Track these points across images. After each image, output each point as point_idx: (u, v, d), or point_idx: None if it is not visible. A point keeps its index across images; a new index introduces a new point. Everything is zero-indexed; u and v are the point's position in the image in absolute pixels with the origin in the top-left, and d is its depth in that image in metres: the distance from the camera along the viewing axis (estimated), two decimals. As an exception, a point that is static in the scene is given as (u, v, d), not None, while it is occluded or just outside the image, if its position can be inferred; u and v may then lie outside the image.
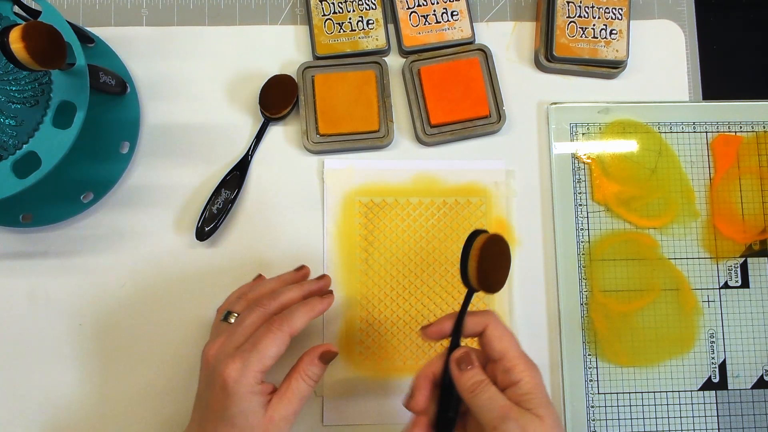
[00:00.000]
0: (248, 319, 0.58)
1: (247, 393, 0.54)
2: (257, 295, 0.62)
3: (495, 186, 0.72)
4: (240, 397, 0.54)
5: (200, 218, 0.69)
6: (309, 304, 0.59)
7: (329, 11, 0.73)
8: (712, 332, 0.70)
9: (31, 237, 0.70)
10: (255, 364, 0.54)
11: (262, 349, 0.55)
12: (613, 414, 0.68)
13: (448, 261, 0.70)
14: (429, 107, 0.71)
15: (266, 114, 0.71)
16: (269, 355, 0.55)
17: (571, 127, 0.72)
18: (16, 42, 0.49)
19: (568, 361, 0.69)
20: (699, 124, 0.73)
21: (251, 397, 0.54)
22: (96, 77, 0.62)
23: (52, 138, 0.57)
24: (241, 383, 0.54)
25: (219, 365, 0.55)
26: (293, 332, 0.57)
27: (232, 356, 0.55)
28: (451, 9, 0.73)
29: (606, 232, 0.71)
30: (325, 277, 0.64)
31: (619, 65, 0.73)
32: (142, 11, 0.75)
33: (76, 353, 0.68)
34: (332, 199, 0.71)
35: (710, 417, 0.68)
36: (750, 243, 0.71)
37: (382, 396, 0.68)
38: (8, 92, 0.59)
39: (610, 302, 0.70)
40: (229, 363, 0.54)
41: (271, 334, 0.56)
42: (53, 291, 0.69)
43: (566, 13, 0.72)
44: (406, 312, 0.69)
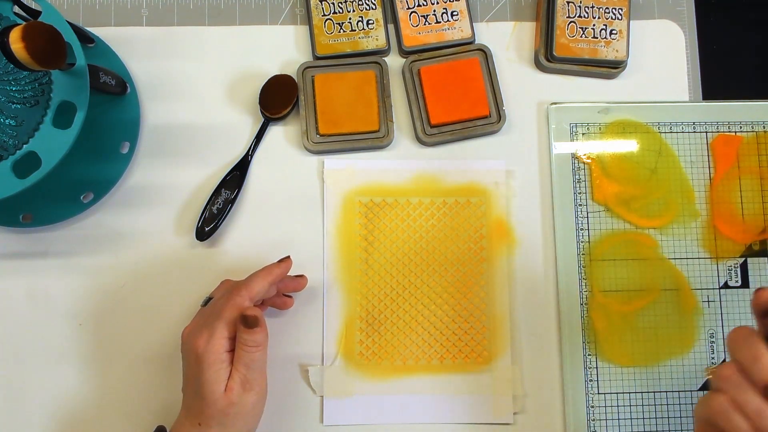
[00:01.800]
0: (218, 299, 0.62)
1: (214, 361, 0.58)
2: (232, 281, 0.65)
3: (495, 186, 0.72)
4: (208, 365, 0.58)
5: (200, 218, 0.69)
6: (266, 269, 0.63)
7: (329, 11, 0.73)
8: (712, 332, 0.70)
9: (31, 237, 0.70)
10: (218, 333, 0.58)
11: (225, 316, 0.59)
12: (613, 414, 0.68)
13: (448, 261, 0.70)
14: (429, 107, 0.71)
15: (266, 114, 0.71)
16: (229, 320, 0.59)
17: (571, 127, 0.72)
18: (16, 42, 0.49)
19: (568, 361, 0.69)
20: (699, 124, 0.73)
21: (217, 366, 0.58)
22: (96, 77, 0.62)
23: (52, 138, 0.57)
24: (208, 350, 0.58)
25: (191, 338, 0.59)
26: (252, 296, 0.60)
27: (201, 329, 0.59)
28: (451, 9, 0.73)
29: (606, 232, 0.71)
30: (287, 260, 0.65)
31: (619, 65, 0.73)
32: (142, 11, 0.75)
33: (76, 353, 0.68)
34: (332, 199, 0.71)
35: (710, 417, 0.68)
36: (750, 243, 0.71)
37: (382, 396, 0.68)
38: (8, 92, 0.59)
39: (610, 302, 0.70)
40: (198, 335, 0.59)
41: (229, 302, 0.59)
42: (53, 291, 0.69)
43: (566, 13, 0.72)
44: (406, 312, 0.69)
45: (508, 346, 0.69)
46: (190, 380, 0.60)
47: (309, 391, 0.68)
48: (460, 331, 0.69)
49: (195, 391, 0.59)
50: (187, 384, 0.60)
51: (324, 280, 0.70)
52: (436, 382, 0.68)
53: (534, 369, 0.69)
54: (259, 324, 0.58)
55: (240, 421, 0.59)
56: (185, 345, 0.61)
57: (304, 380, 0.68)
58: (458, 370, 0.69)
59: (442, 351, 0.69)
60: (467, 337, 0.69)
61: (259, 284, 0.61)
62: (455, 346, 0.69)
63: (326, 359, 0.68)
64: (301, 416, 0.68)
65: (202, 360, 0.58)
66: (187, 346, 0.60)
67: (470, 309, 0.69)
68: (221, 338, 0.58)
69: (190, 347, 0.59)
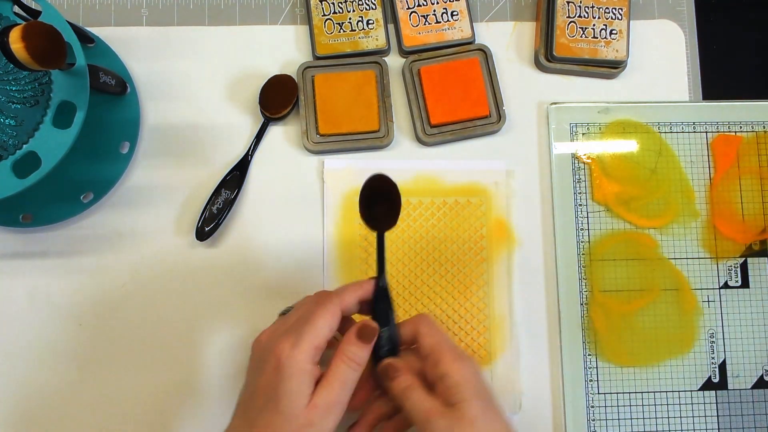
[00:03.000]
0: (301, 305, 0.58)
1: (298, 371, 0.52)
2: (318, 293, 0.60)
3: (495, 186, 0.72)
4: (290, 375, 0.51)
5: (200, 218, 0.69)
6: (356, 283, 0.58)
7: (329, 11, 0.73)
8: (712, 332, 0.70)
9: (31, 237, 0.70)
10: (307, 339, 0.52)
11: (314, 322, 0.53)
12: (613, 414, 0.68)
13: (449, 261, 0.70)
14: (429, 107, 0.71)
15: (266, 114, 0.71)
16: (320, 327, 0.53)
17: (571, 127, 0.73)
18: (16, 42, 0.49)
19: (568, 361, 0.69)
20: (699, 124, 0.73)
21: (301, 377, 0.52)
22: (96, 77, 0.62)
23: (52, 138, 0.57)
24: (293, 358, 0.52)
25: (271, 344, 0.54)
26: (344, 306, 0.56)
27: (285, 334, 0.54)
28: (451, 9, 0.73)
29: (606, 232, 0.71)
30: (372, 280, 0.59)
31: (619, 65, 0.73)
32: (142, 11, 0.75)
33: (76, 353, 0.68)
34: (332, 199, 0.71)
35: (710, 417, 0.68)
36: (750, 243, 0.71)
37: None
38: (8, 92, 0.59)
39: (610, 302, 0.70)
40: (281, 340, 0.53)
41: (321, 307, 0.54)
42: (53, 291, 0.69)
43: (566, 13, 0.72)
44: (407, 312, 0.69)
45: (508, 346, 0.69)
46: (260, 391, 0.53)
47: (309, 391, 0.68)
48: (460, 330, 0.69)
49: (266, 404, 0.52)
50: (255, 396, 0.54)
51: (324, 280, 0.70)
52: (436, 382, 0.68)
53: (534, 369, 0.69)
54: (374, 339, 0.55)
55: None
56: (261, 351, 0.55)
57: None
58: (458, 370, 0.69)
59: (442, 351, 0.69)
60: (467, 337, 0.69)
61: (351, 296, 0.57)
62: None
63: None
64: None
65: (284, 368, 0.52)
66: (264, 352, 0.54)
67: (470, 309, 0.69)
68: (309, 348, 0.52)
69: (270, 353, 0.53)
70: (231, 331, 0.69)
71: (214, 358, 0.68)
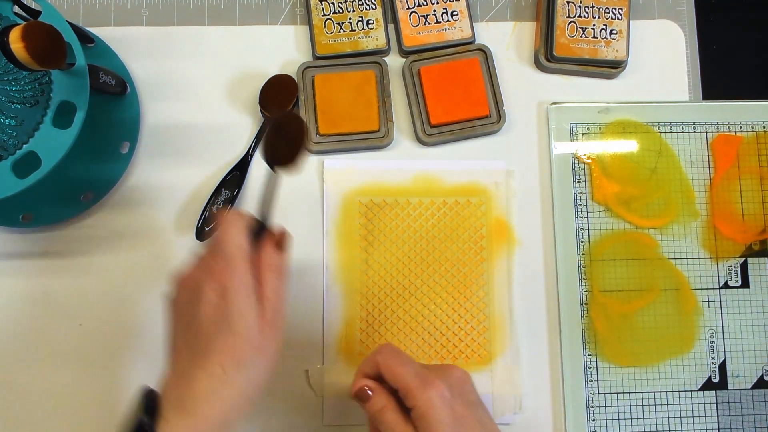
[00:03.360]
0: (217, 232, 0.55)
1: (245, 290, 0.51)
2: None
3: (495, 186, 0.72)
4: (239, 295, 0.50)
5: (200, 218, 0.69)
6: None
7: (329, 11, 0.73)
8: (712, 332, 0.70)
9: (31, 237, 0.70)
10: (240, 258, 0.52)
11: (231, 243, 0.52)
12: (613, 414, 0.68)
13: (448, 261, 0.70)
14: (429, 107, 0.71)
15: (266, 114, 0.71)
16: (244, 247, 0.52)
17: (571, 127, 0.73)
18: (16, 42, 0.49)
19: (568, 361, 0.69)
20: (699, 124, 0.73)
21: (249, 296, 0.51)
22: (96, 77, 0.62)
23: (52, 138, 0.57)
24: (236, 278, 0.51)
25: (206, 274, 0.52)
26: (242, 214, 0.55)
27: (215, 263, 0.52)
28: (451, 9, 0.73)
29: (606, 232, 0.71)
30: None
31: (619, 65, 0.73)
32: (142, 11, 0.75)
33: (76, 353, 0.68)
34: (332, 199, 0.71)
35: (710, 417, 0.68)
36: (750, 243, 0.71)
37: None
38: (8, 92, 0.59)
39: (610, 302, 0.70)
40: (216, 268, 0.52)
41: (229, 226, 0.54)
42: (53, 291, 0.69)
43: (566, 13, 0.72)
44: (406, 312, 0.69)
45: (508, 346, 0.69)
46: (206, 321, 0.51)
47: (309, 391, 0.68)
48: (460, 331, 0.69)
49: (218, 329, 0.50)
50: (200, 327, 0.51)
51: (324, 280, 0.70)
52: (436, 382, 0.68)
53: (534, 369, 0.69)
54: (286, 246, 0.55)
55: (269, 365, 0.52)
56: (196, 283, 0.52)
57: (304, 380, 0.68)
58: (458, 370, 0.69)
59: (442, 351, 0.69)
60: (467, 337, 0.69)
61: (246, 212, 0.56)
62: (455, 346, 0.69)
63: (326, 359, 0.68)
64: (302, 416, 0.68)
65: (230, 290, 0.50)
66: (200, 283, 0.52)
67: (470, 309, 0.69)
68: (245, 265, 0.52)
69: (206, 282, 0.51)
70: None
71: (214, 358, 0.68)
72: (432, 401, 0.52)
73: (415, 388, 0.53)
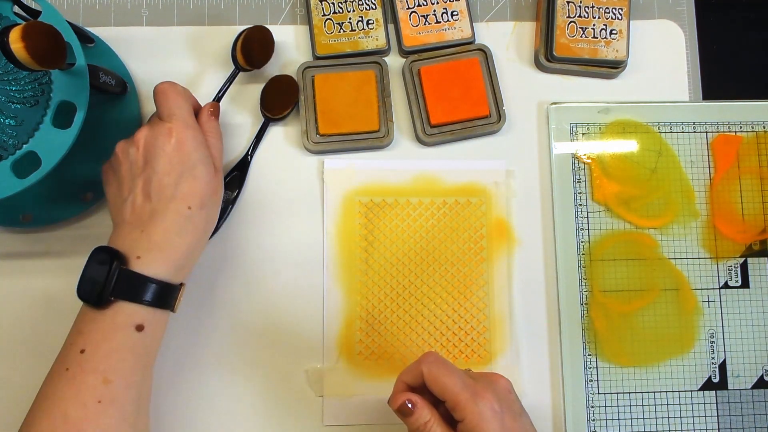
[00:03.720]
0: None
1: (201, 140, 0.61)
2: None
3: (495, 186, 0.72)
4: (196, 144, 0.60)
5: (200, 218, 0.69)
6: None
7: (329, 11, 0.73)
8: (712, 332, 0.70)
9: (31, 237, 0.70)
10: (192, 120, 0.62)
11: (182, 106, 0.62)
12: (613, 414, 0.68)
13: (448, 261, 0.70)
14: (429, 107, 0.71)
15: (266, 114, 0.71)
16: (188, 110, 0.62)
17: (571, 127, 0.73)
18: (16, 42, 0.49)
19: (568, 361, 0.69)
20: (699, 124, 0.73)
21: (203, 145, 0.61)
22: (96, 77, 0.62)
23: (52, 138, 0.57)
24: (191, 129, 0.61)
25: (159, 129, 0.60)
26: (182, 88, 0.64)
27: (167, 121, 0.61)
28: (451, 9, 0.73)
29: (606, 232, 0.71)
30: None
31: (619, 65, 0.73)
32: (142, 11, 0.75)
33: (76, 353, 0.68)
34: (332, 199, 0.71)
35: (710, 417, 0.68)
36: (750, 243, 0.71)
37: (382, 396, 0.68)
38: (8, 92, 0.59)
39: (610, 302, 0.70)
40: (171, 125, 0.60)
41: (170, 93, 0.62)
42: (53, 291, 0.69)
43: (566, 13, 0.72)
44: (406, 312, 0.69)
45: (508, 346, 0.69)
46: (167, 171, 0.59)
47: (309, 391, 0.68)
48: (460, 331, 0.69)
49: (180, 177, 0.59)
50: (162, 178, 0.59)
51: (324, 280, 0.70)
52: (436, 382, 0.68)
53: (534, 369, 0.69)
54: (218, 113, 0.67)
55: (218, 206, 0.63)
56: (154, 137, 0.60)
57: (304, 380, 0.68)
58: (458, 370, 0.69)
59: (442, 351, 0.69)
60: (467, 337, 0.69)
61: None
62: (455, 346, 0.69)
63: (326, 359, 0.68)
64: (301, 416, 0.68)
65: (187, 141, 0.60)
66: (157, 139, 0.59)
67: (470, 309, 0.69)
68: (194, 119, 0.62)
69: (164, 136, 0.59)
70: (231, 330, 0.69)
71: (213, 358, 0.68)
72: (483, 415, 0.52)
73: (465, 401, 0.52)
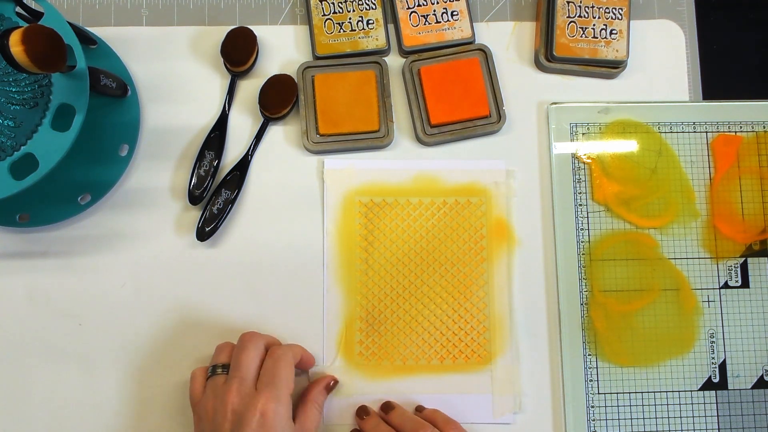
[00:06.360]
0: (245, 357, 0.61)
1: (287, 425, 0.58)
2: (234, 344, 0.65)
3: (495, 186, 0.72)
4: (279, 429, 0.57)
5: (200, 218, 0.69)
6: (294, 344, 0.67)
7: (329, 11, 0.73)
8: (712, 332, 0.70)
9: (30, 237, 0.70)
10: (284, 395, 0.58)
11: (284, 378, 0.59)
12: (613, 414, 0.68)
13: (448, 261, 0.70)
14: (429, 107, 0.71)
15: (266, 114, 0.71)
16: (289, 382, 0.60)
17: (571, 127, 0.72)
18: (16, 45, 0.49)
19: (568, 361, 0.69)
20: (699, 124, 0.73)
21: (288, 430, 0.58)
22: (96, 80, 0.62)
23: (51, 140, 0.57)
24: (280, 414, 0.57)
25: (250, 405, 0.57)
26: (296, 359, 0.62)
27: (260, 392, 0.58)
28: (451, 9, 0.73)
29: (606, 232, 0.71)
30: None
31: (619, 65, 0.73)
32: (142, 11, 0.75)
33: (76, 353, 0.68)
34: (332, 199, 0.71)
35: (710, 417, 0.69)
36: (750, 243, 0.71)
37: (382, 396, 0.68)
38: (7, 93, 0.59)
39: (610, 302, 0.70)
40: (260, 399, 0.57)
41: (281, 362, 0.60)
42: (53, 291, 0.69)
43: (566, 13, 0.72)
44: (406, 312, 0.69)
45: (508, 346, 0.69)
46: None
47: (309, 391, 0.68)
48: (460, 331, 0.69)
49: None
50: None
51: (324, 280, 0.70)
52: (436, 382, 0.68)
53: (534, 369, 0.69)
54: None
55: None
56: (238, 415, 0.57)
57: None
58: (458, 370, 0.69)
59: (442, 351, 0.69)
60: (467, 337, 0.69)
61: (299, 350, 0.65)
62: (455, 346, 0.69)
63: (326, 359, 0.69)
64: (302, 416, 0.68)
65: (272, 424, 0.57)
66: (242, 416, 0.57)
67: (470, 309, 0.70)
68: (289, 400, 0.59)
69: (251, 413, 0.57)
70: (231, 330, 0.69)
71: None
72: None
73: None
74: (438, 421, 0.64)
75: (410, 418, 0.64)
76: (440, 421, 0.64)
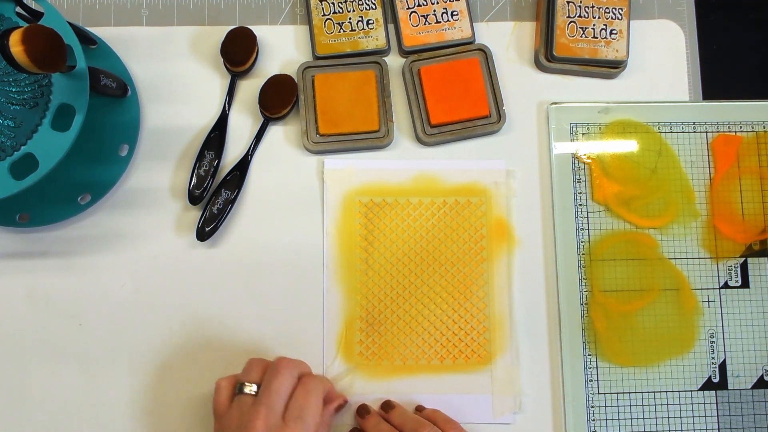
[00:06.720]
0: (278, 384, 0.60)
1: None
2: (267, 362, 0.64)
3: (495, 186, 0.72)
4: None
5: (200, 218, 0.69)
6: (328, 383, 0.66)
7: (329, 11, 0.73)
8: (712, 332, 0.70)
9: (30, 237, 0.70)
10: (311, 431, 0.59)
11: (312, 413, 0.59)
12: (613, 414, 0.68)
13: (448, 261, 0.70)
14: (429, 107, 0.71)
15: (266, 114, 0.71)
16: (316, 416, 0.60)
17: (571, 127, 0.72)
18: (16, 45, 0.49)
19: (568, 361, 0.69)
20: (699, 124, 0.73)
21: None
22: (96, 80, 0.62)
23: (50, 140, 0.57)
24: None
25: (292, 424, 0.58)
26: (325, 392, 0.63)
27: (288, 426, 0.58)
28: (451, 9, 0.73)
29: (606, 232, 0.71)
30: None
31: (619, 65, 0.73)
32: (142, 11, 0.75)
33: (76, 353, 0.68)
34: (332, 199, 0.71)
35: (710, 417, 0.69)
36: (750, 243, 0.71)
37: (383, 396, 0.68)
38: (7, 93, 0.59)
39: (610, 302, 0.70)
40: (289, 430, 0.58)
41: (312, 397, 0.60)
42: (53, 291, 0.69)
43: (566, 13, 0.72)
44: (406, 312, 0.69)
45: (508, 346, 0.69)
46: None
47: (309, 391, 0.68)
48: (460, 331, 0.69)
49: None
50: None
51: (324, 280, 0.70)
52: (436, 382, 0.69)
53: (534, 369, 0.69)
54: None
55: None
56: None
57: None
58: (458, 370, 0.69)
59: (442, 351, 0.69)
60: (467, 337, 0.69)
61: (329, 383, 0.66)
62: (455, 346, 0.69)
63: (326, 359, 0.69)
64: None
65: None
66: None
67: (470, 309, 0.70)
68: (317, 420, 0.60)
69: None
70: (232, 330, 0.69)
71: (213, 358, 0.68)
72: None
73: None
74: (438, 421, 0.64)
75: (410, 417, 0.64)
76: (440, 421, 0.64)
